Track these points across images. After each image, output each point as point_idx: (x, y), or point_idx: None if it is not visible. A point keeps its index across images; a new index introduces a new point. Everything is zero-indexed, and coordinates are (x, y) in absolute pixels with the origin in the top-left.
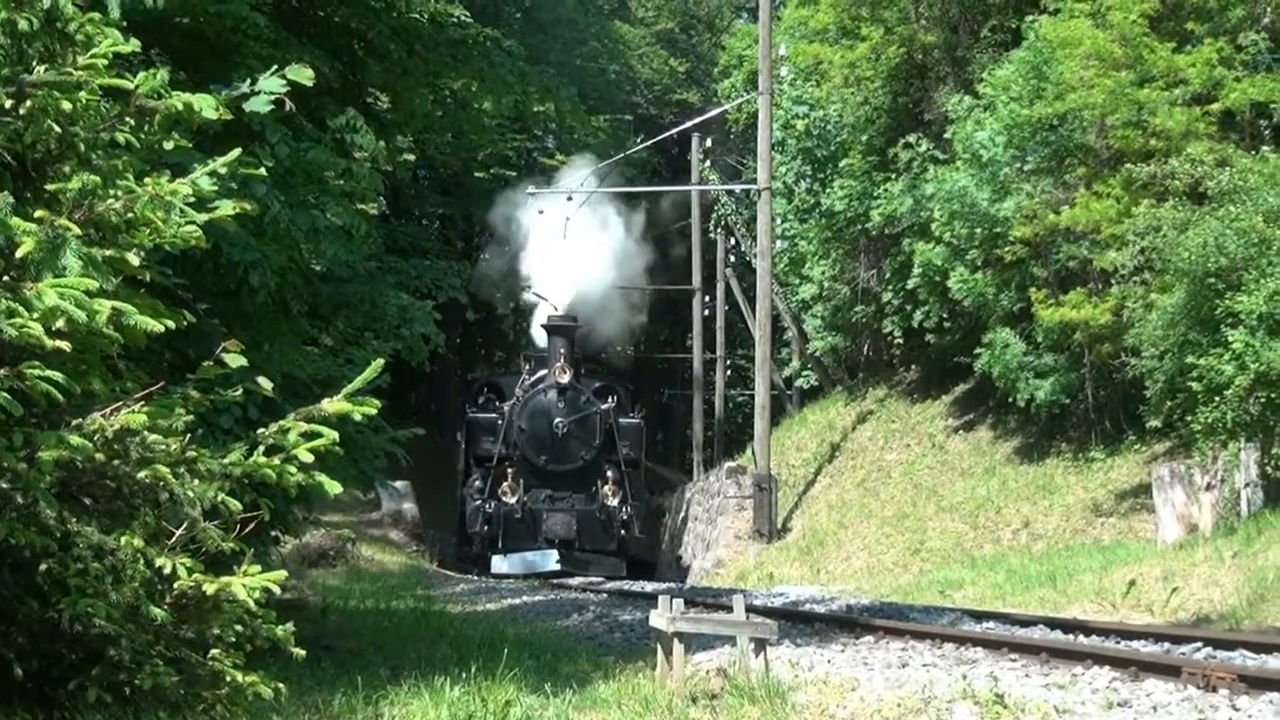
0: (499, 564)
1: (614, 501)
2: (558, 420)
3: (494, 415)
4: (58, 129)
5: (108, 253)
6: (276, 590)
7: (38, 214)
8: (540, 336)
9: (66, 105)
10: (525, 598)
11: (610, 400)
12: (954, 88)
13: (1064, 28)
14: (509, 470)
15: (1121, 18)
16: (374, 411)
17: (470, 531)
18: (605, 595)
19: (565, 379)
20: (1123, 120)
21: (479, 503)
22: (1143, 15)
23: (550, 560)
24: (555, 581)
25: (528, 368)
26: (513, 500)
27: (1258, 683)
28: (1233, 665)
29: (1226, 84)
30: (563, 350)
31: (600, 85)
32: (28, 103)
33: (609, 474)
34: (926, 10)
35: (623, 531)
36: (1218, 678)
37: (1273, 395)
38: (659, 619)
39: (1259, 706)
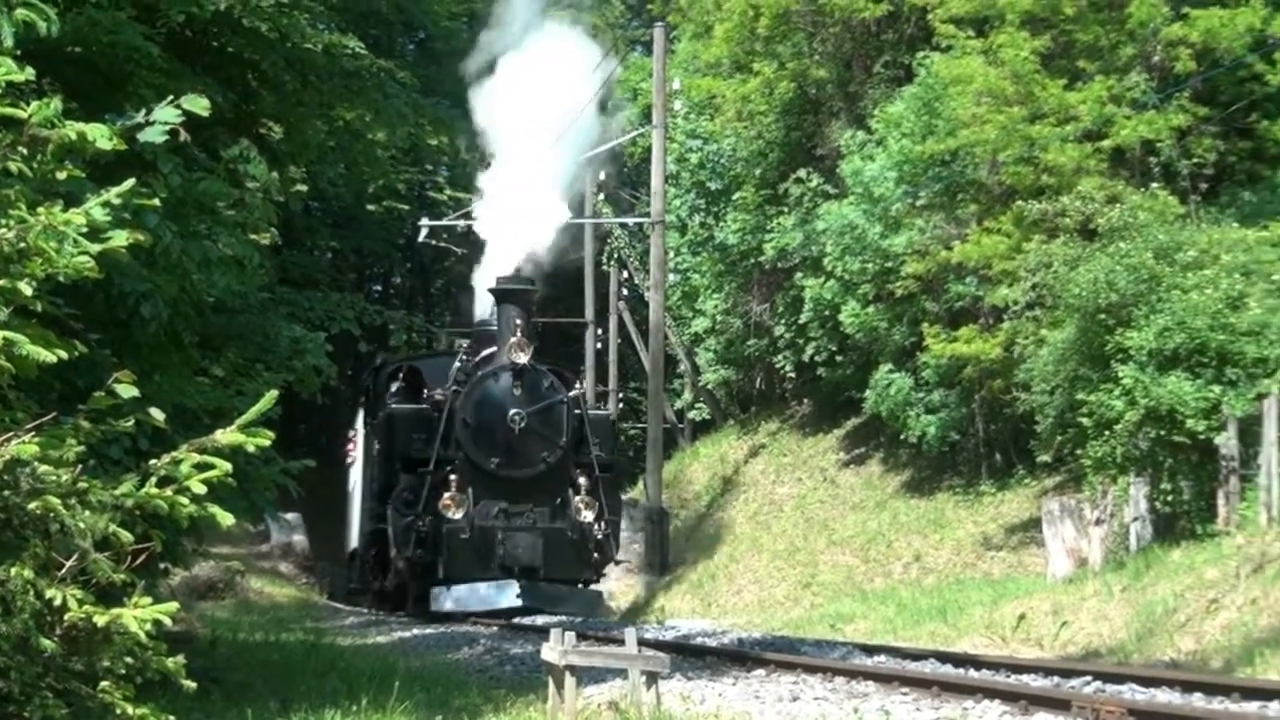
0: (442, 599)
1: (588, 516)
2: (513, 412)
3: (425, 406)
4: None
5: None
6: (168, 622)
7: None
8: (480, 306)
9: None
10: (415, 630)
11: (578, 385)
12: (846, 123)
13: (956, 65)
14: (451, 477)
15: (1013, 55)
16: (267, 443)
17: (401, 557)
18: (496, 629)
19: (523, 359)
20: (1014, 157)
21: (409, 519)
22: (1034, 53)
23: (509, 594)
24: (444, 613)
25: (466, 345)
26: (459, 516)
27: (1146, 716)
28: (1122, 699)
29: (1117, 121)
30: (518, 321)
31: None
32: None
33: (580, 481)
34: (820, 46)
35: (596, 555)
36: (1107, 711)
37: (1162, 431)
38: (550, 652)
39: None
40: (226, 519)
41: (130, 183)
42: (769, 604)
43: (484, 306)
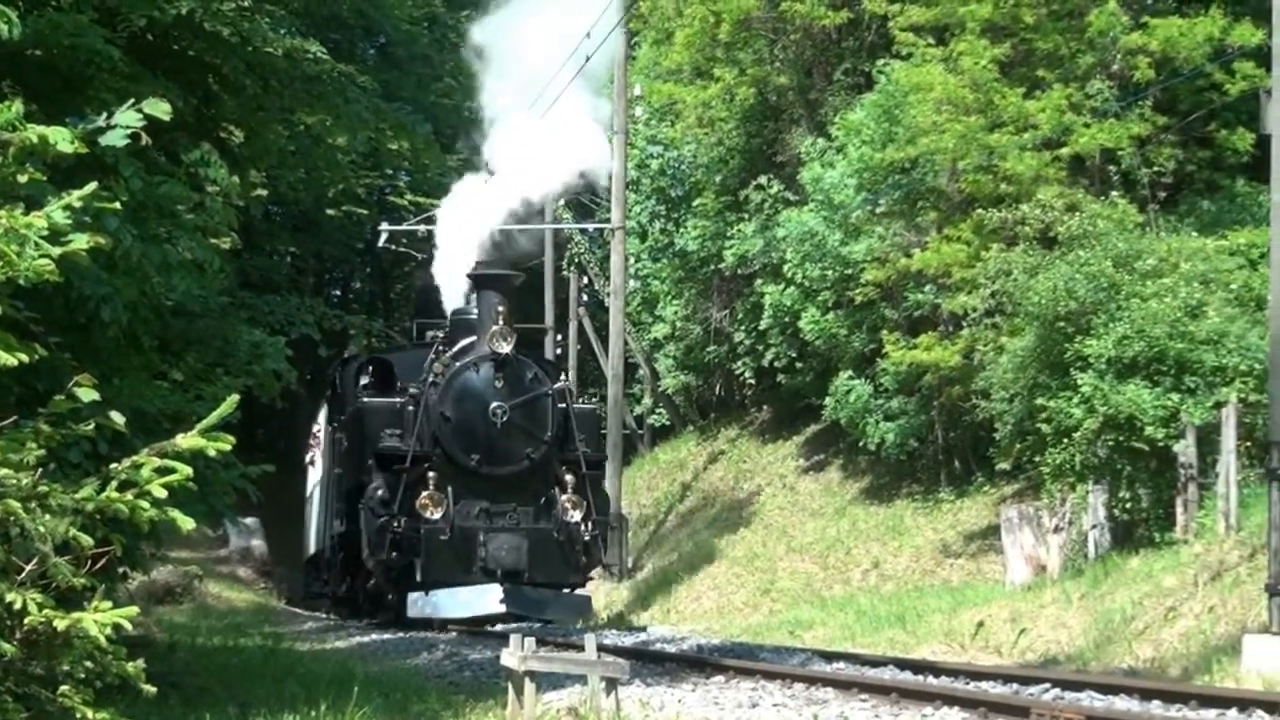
0: (419, 605)
1: (575, 516)
2: (495, 405)
3: (399, 400)
4: None
5: None
6: (127, 626)
7: None
8: (453, 294)
9: None
10: (374, 635)
11: (562, 378)
12: (807, 130)
13: (916, 73)
14: (429, 475)
15: (972, 63)
16: (228, 447)
17: (375, 560)
18: (454, 634)
19: (505, 348)
20: (974, 165)
21: (383, 519)
22: (994, 61)
23: (492, 600)
24: (421, 620)
25: (441, 336)
26: (437, 516)
27: None
28: (1080, 706)
29: (1076, 129)
30: (500, 309)
31: (454, 122)
32: None
33: (566, 478)
34: (781, 52)
35: (584, 558)
36: (1066, 718)
37: (1120, 438)
38: (510, 658)
39: None
40: (187, 523)
41: (91, 186)
42: (728, 610)
43: (457, 295)
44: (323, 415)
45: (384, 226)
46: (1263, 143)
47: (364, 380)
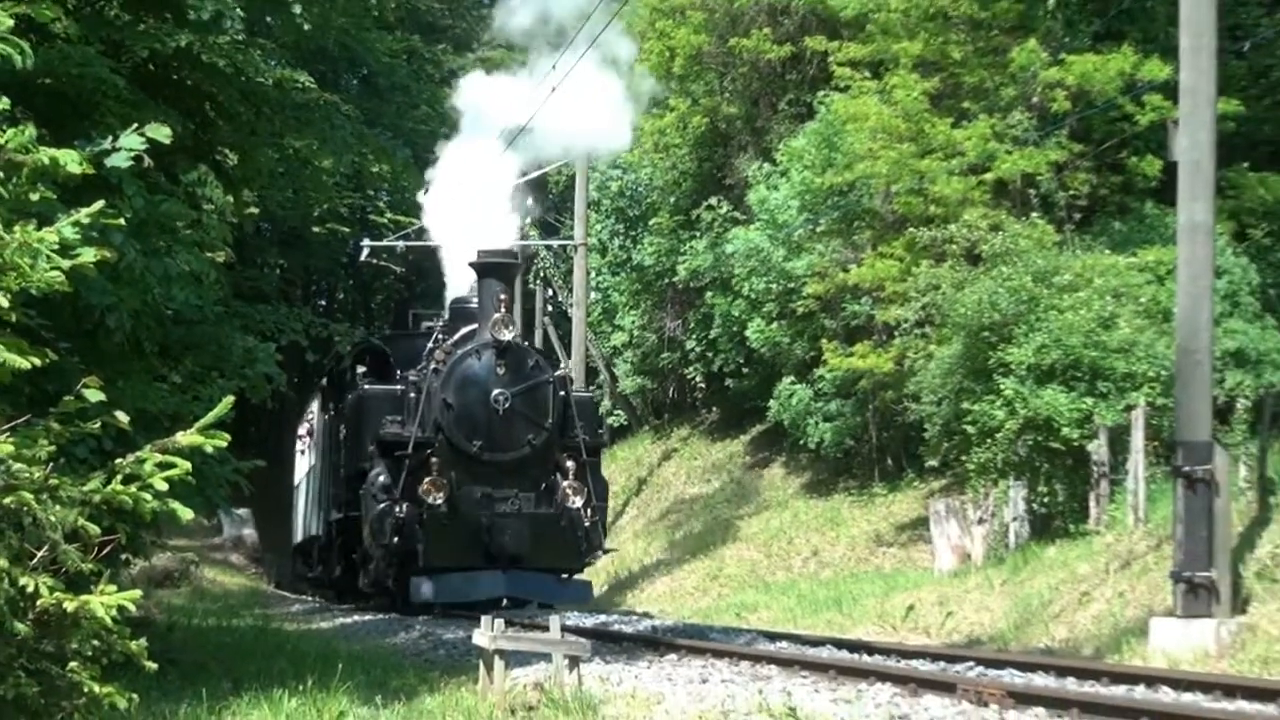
0: (423, 589)
1: (576, 502)
2: (497, 392)
3: (400, 387)
4: None
5: None
6: (131, 608)
7: None
8: (456, 282)
9: None
10: (356, 617)
11: (564, 365)
12: (754, 155)
13: (853, 104)
14: (432, 461)
15: (905, 95)
16: (223, 444)
17: (377, 545)
18: (428, 615)
19: (507, 336)
20: (906, 188)
21: (385, 505)
22: (924, 93)
23: (496, 583)
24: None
25: (440, 324)
26: (440, 501)
27: (1024, 698)
28: (1002, 682)
29: (999, 156)
30: (502, 296)
31: (431, 146)
32: None
33: (566, 464)
34: (730, 84)
35: (585, 543)
36: (989, 694)
37: (1039, 438)
38: (481, 637)
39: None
40: (186, 514)
41: (99, 204)
42: (680, 594)
43: (455, 287)
44: (315, 405)
45: (365, 242)
46: (1170, 169)
47: (361, 369)
